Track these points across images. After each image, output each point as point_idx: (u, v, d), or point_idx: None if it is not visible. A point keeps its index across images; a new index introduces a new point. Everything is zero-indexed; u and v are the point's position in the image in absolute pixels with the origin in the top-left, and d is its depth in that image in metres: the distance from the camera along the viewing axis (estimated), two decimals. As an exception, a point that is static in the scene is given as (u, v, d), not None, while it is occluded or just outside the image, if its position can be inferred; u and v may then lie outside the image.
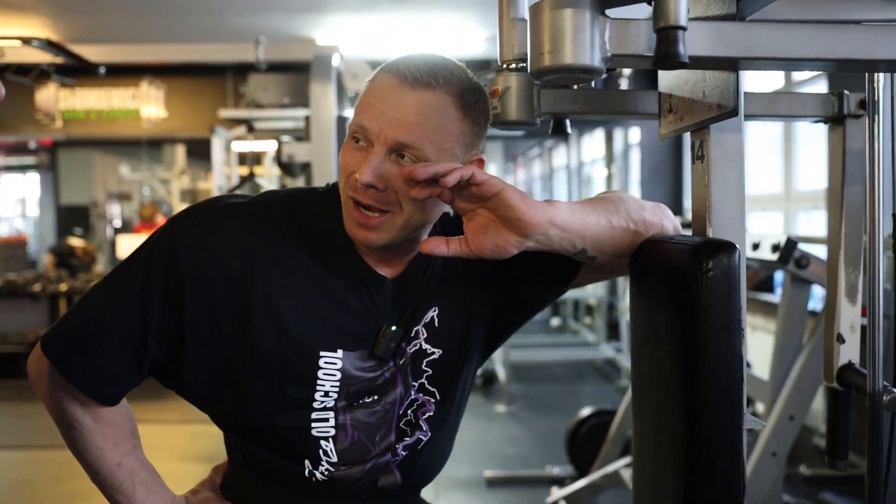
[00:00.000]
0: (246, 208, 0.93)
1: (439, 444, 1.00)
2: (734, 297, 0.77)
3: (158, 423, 4.26)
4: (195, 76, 6.67)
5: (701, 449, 0.78)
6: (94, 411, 0.93)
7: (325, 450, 0.93)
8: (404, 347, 0.95)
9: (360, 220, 0.87)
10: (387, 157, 0.85)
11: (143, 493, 0.95)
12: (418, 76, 0.85)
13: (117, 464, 0.94)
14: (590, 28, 0.67)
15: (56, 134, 7.00)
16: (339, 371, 0.92)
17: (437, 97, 0.85)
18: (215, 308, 0.89)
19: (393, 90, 0.85)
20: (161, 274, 0.88)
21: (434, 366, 0.97)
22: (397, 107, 0.84)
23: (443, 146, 0.86)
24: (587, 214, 0.86)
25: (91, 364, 0.90)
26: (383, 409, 0.95)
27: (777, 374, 2.17)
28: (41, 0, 4.85)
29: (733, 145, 0.86)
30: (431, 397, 0.98)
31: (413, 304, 0.96)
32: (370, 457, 0.95)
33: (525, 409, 5.36)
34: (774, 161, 5.31)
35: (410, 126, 0.84)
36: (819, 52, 0.69)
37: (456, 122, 0.87)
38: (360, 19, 5.33)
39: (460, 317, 0.98)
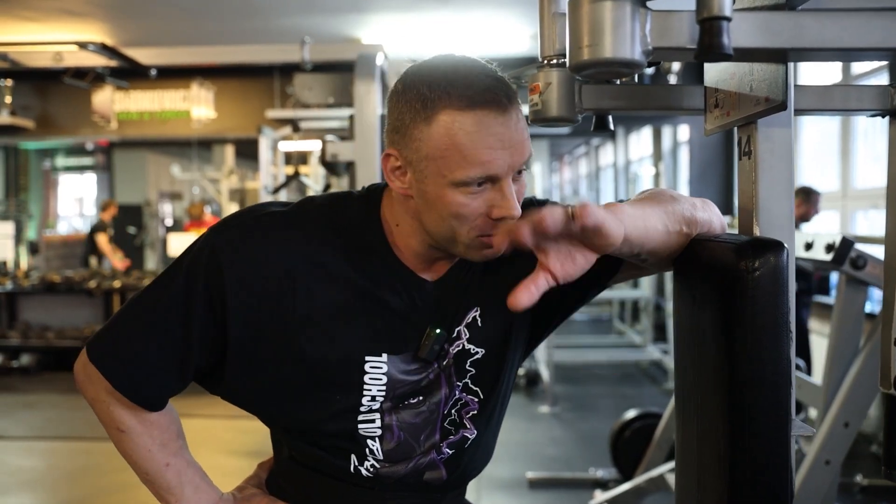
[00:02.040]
0: (285, 216, 0.93)
1: (484, 441, 1.00)
2: (782, 298, 0.74)
3: (205, 417, 4.35)
4: (243, 77, 6.80)
5: (746, 455, 0.75)
6: (140, 415, 0.95)
7: (372, 448, 0.94)
8: (447, 348, 0.95)
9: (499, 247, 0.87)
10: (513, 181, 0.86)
11: (192, 492, 0.97)
12: (507, 96, 0.84)
13: (165, 464, 0.96)
14: (630, 20, 0.65)
15: (111, 135, 7.22)
16: (384, 375, 0.92)
17: (515, 106, 0.85)
18: (257, 317, 0.89)
19: (497, 123, 0.83)
20: (203, 283, 0.89)
21: (477, 365, 0.97)
22: (511, 135, 0.83)
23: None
24: (647, 220, 0.82)
25: (135, 370, 0.92)
26: (428, 409, 0.96)
27: (831, 378, 2.09)
28: (96, 6, 5.01)
29: (782, 141, 0.82)
30: (475, 396, 0.98)
31: (454, 306, 0.95)
32: (415, 455, 0.96)
33: (568, 410, 5.31)
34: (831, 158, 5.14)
35: (524, 143, 0.85)
36: (874, 41, 0.65)
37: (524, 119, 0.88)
38: (405, 18, 5.35)
39: (502, 316, 0.96)
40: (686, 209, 0.85)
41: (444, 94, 0.83)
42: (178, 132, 7.00)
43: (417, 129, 0.84)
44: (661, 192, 0.89)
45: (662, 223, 0.82)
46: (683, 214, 0.85)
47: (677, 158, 8.36)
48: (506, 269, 0.97)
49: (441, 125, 0.82)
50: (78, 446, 4.57)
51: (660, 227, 0.82)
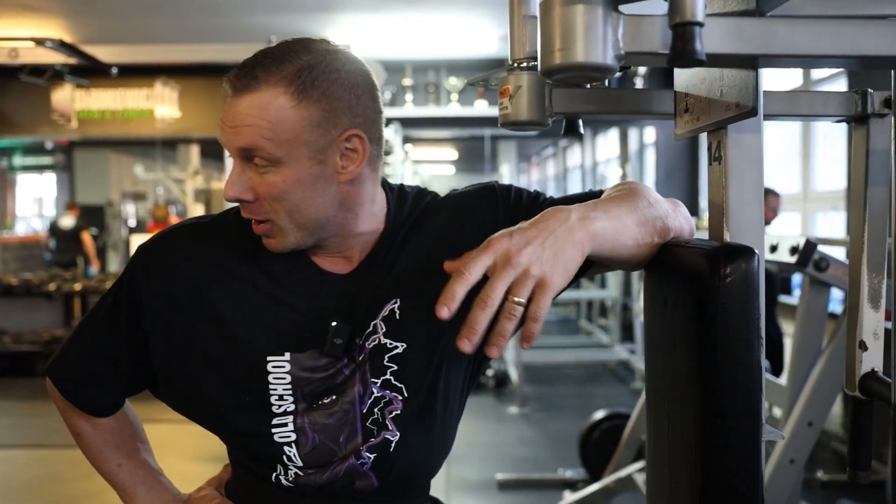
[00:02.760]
0: (196, 227, 0.98)
1: (416, 444, 0.94)
2: (753, 304, 0.74)
3: (168, 422, 4.26)
4: (208, 76, 6.69)
5: (718, 459, 0.75)
6: (92, 421, 1.03)
7: (289, 455, 0.92)
8: (360, 343, 0.92)
9: (256, 231, 0.90)
10: (246, 167, 0.87)
11: (144, 492, 1.03)
12: (239, 83, 0.85)
13: (117, 465, 1.04)
14: (602, 25, 0.64)
15: (71, 134, 7.04)
16: (287, 374, 0.91)
17: (262, 94, 0.84)
18: (170, 326, 0.94)
19: (229, 102, 0.86)
20: (126, 297, 0.96)
21: (398, 361, 0.93)
22: (233, 117, 0.85)
23: (283, 139, 0.84)
24: (619, 235, 0.79)
25: (81, 382, 1.01)
26: (342, 409, 0.92)
27: (795, 379, 2.12)
28: (54, 1, 4.88)
29: (752, 146, 0.82)
30: (398, 394, 0.93)
31: (368, 298, 0.93)
32: (335, 459, 0.92)
33: (537, 410, 5.33)
34: (792, 161, 5.25)
35: (244, 130, 0.84)
36: (843, 48, 0.66)
37: (291, 111, 0.84)
38: (372, 18, 5.32)
39: (426, 308, 0.91)
40: (660, 217, 0.83)
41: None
42: (141, 131, 6.86)
43: None
44: (638, 193, 0.85)
45: (633, 238, 0.80)
46: (656, 225, 0.82)
47: (644, 160, 8.47)
48: (429, 260, 0.93)
49: None
50: (35, 454, 4.45)
51: (629, 242, 0.80)
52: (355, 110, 0.87)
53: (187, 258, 0.95)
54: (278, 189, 0.86)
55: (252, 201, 0.87)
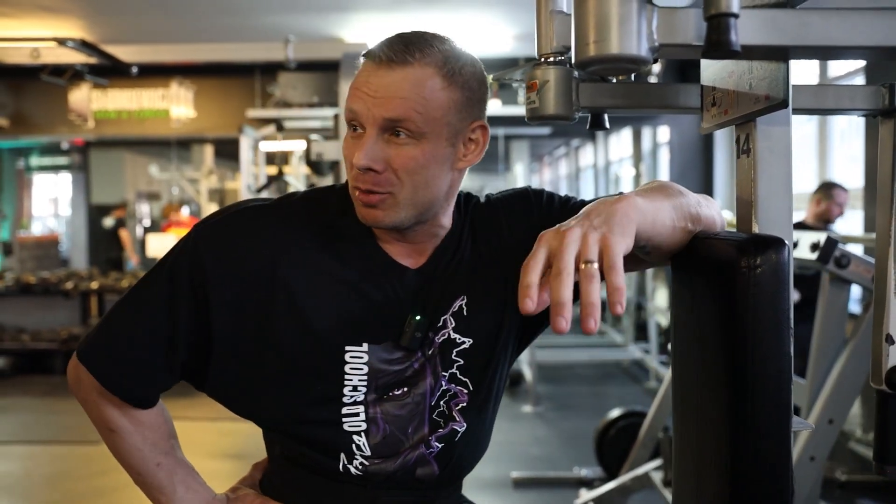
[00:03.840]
0: (266, 210, 0.95)
1: (475, 435, 0.98)
2: (783, 295, 0.74)
3: (188, 419, 4.30)
4: (223, 76, 6.75)
5: (749, 449, 0.76)
6: (131, 414, 0.96)
7: (358, 444, 0.93)
8: (431, 337, 0.94)
9: (364, 200, 0.88)
10: (380, 138, 0.87)
11: (183, 491, 0.98)
12: (393, 55, 0.86)
13: (156, 464, 0.97)
14: (637, 17, 0.65)
15: (88, 134, 7.12)
16: (365, 365, 0.92)
17: (416, 71, 0.86)
18: (240, 310, 0.91)
19: (374, 73, 0.86)
20: (187, 278, 0.91)
21: (465, 355, 0.96)
22: (380, 87, 0.86)
23: (432, 116, 0.87)
24: (657, 214, 0.80)
25: (124, 369, 0.94)
26: (413, 400, 0.94)
27: (816, 376, 2.11)
28: (75, 2, 4.93)
29: (781, 139, 0.83)
30: (464, 387, 0.96)
31: (439, 293, 0.95)
32: (403, 449, 0.94)
33: (552, 409, 5.33)
34: (809, 159, 5.22)
35: (395, 101, 0.85)
36: (876, 39, 0.66)
37: (441, 92, 0.87)
38: (388, 18, 5.34)
39: (492, 306, 0.96)
40: (692, 205, 0.85)
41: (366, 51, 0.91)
42: (156, 131, 6.92)
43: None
44: (669, 185, 0.87)
45: (670, 218, 0.81)
46: (689, 210, 0.84)
47: (657, 159, 8.43)
48: (496, 258, 0.97)
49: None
50: (55, 451, 4.49)
51: (667, 222, 0.81)
52: (483, 104, 0.93)
53: (259, 240, 0.92)
54: (416, 162, 0.87)
55: (381, 172, 0.87)
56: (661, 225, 0.80)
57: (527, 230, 0.90)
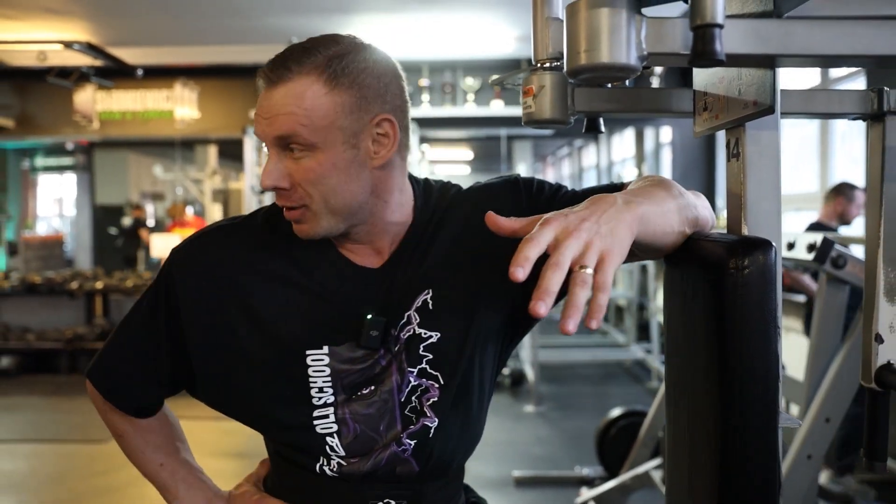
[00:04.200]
0: (229, 227, 1.01)
1: (453, 429, 0.97)
2: (771, 295, 0.76)
3: (191, 419, 4.33)
4: (227, 77, 6.78)
5: (737, 447, 0.78)
6: (133, 421, 1.06)
7: (332, 445, 0.95)
8: (395, 334, 0.95)
9: (288, 217, 0.92)
10: (281, 156, 0.89)
11: (185, 490, 1.05)
12: (272, 74, 0.88)
13: (159, 464, 1.06)
14: (626, 27, 0.67)
15: (92, 135, 7.15)
16: (326, 367, 0.94)
17: (296, 84, 0.87)
18: (208, 325, 0.96)
19: (264, 95, 0.89)
20: (164, 298, 0.98)
21: (433, 349, 0.96)
22: (269, 107, 0.88)
23: (319, 125, 0.87)
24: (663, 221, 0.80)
25: (120, 385, 1.04)
26: (381, 398, 0.95)
27: (812, 375, 2.13)
28: (79, 4, 4.97)
29: (769, 143, 0.85)
30: (434, 381, 0.96)
31: (401, 290, 0.96)
32: (377, 447, 0.95)
33: (553, 409, 5.35)
34: (810, 160, 5.23)
35: (280, 118, 0.87)
36: (858, 48, 0.68)
37: (324, 98, 0.87)
38: (389, 19, 5.37)
39: (461, 301, 0.96)
40: (692, 208, 0.85)
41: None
42: (160, 132, 6.95)
43: None
44: (668, 182, 0.87)
45: (671, 225, 0.82)
46: (689, 215, 0.84)
47: (659, 160, 8.45)
48: (458, 251, 0.97)
49: None
50: (60, 449, 4.53)
51: (668, 229, 0.82)
52: (385, 97, 0.91)
53: (221, 257, 0.97)
54: (315, 173, 0.88)
55: (288, 188, 0.90)
56: (662, 233, 0.81)
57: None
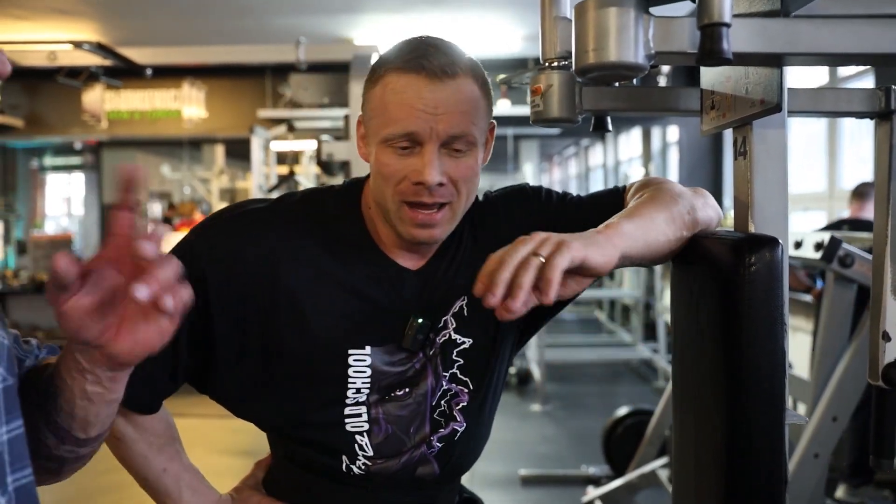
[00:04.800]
0: (265, 213, 0.95)
1: (475, 433, 0.99)
2: (777, 292, 0.77)
3: (196, 417, 4.34)
4: (235, 77, 6.81)
5: (743, 443, 0.79)
6: (136, 421, 0.96)
7: (361, 444, 0.94)
8: (433, 338, 0.95)
9: (425, 221, 0.88)
10: (440, 152, 0.87)
11: (189, 495, 0.98)
12: (442, 66, 0.85)
13: (162, 469, 0.97)
14: (634, 26, 0.68)
15: (101, 135, 7.20)
16: (368, 367, 0.92)
17: (464, 82, 0.87)
18: (242, 316, 0.90)
19: (424, 87, 0.85)
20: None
21: (465, 355, 0.97)
22: (438, 103, 0.85)
23: (481, 126, 0.89)
24: (649, 232, 0.82)
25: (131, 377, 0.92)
26: (415, 401, 0.95)
27: (819, 374, 2.13)
28: (88, 4, 5.00)
29: (776, 141, 0.86)
30: (465, 387, 0.97)
31: (440, 295, 0.96)
32: (406, 449, 0.95)
33: (560, 408, 5.35)
34: (818, 159, 5.21)
35: (457, 116, 0.86)
36: (864, 47, 0.69)
37: (482, 100, 0.89)
38: (397, 19, 5.38)
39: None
40: (687, 211, 0.87)
41: (391, 59, 0.88)
42: (168, 132, 7.00)
43: (368, 92, 0.90)
44: (662, 189, 0.89)
45: (664, 234, 0.83)
46: (684, 219, 0.86)
47: (666, 159, 8.43)
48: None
49: (380, 85, 0.88)
50: (70, 446, 4.55)
51: (661, 238, 0.83)
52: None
53: (259, 246, 0.91)
54: (472, 171, 0.89)
55: (444, 185, 0.87)
56: (654, 243, 0.83)
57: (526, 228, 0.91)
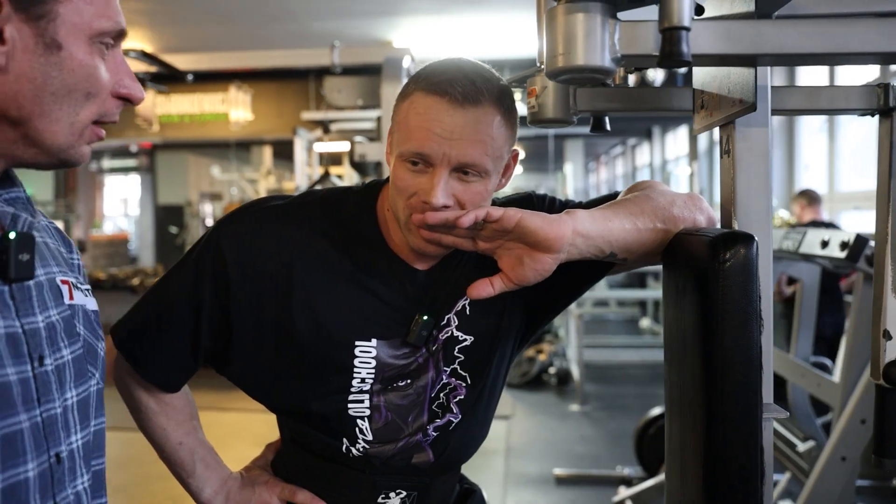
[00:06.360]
0: (285, 209, 1.00)
1: (471, 426, 1.04)
2: (751, 287, 0.78)
3: (239, 411, 4.48)
4: (279, 80, 6.97)
5: (717, 435, 0.80)
6: (158, 396, 1.04)
7: (361, 428, 0.99)
8: (436, 335, 1.00)
9: (428, 237, 0.90)
10: (450, 176, 0.89)
11: (202, 469, 1.05)
12: (466, 93, 0.87)
13: (178, 443, 1.05)
14: (600, 30, 0.71)
15: (154, 137, 7.46)
16: (373, 359, 0.97)
17: (485, 111, 0.88)
18: (258, 306, 0.96)
19: (444, 112, 0.87)
20: (210, 274, 0.96)
21: (466, 352, 1.01)
22: (454, 128, 0.87)
23: (497, 155, 0.90)
24: (610, 220, 0.87)
25: (153, 354, 1.00)
26: (415, 392, 1.00)
27: (848, 376, 2.09)
28: (139, 13, 5.20)
29: (759, 140, 0.87)
30: (463, 381, 1.02)
31: (444, 294, 1.00)
32: (403, 436, 1.00)
33: (599, 409, 5.32)
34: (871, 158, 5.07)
35: (471, 145, 0.87)
36: (830, 46, 0.70)
37: (503, 130, 0.90)
38: (435, 21, 5.43)
39: (493, 307, 1.01)
40: (661, 206, 0.90)
41: (422, 78, 0.91)
42: (217, 134, 7.20)
43: (397, 106, 0.93)
44: (641, 191, 0.92)
45: (630, 221, 0.87)
46: (656, 211, 0.89)
47: (713, 158, 8.27)
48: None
49: (408, 101, 0.91)
50: (122, 436, 4.71)
51: (627, 224, 0.87)
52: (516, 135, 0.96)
53: (277, 239, 0.96)
54: (481, 197, 0.90)
55: (449, 207, 0.90)
56: (618, 228, 0.86)
57: None
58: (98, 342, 0.80)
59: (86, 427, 0.76)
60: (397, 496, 1.02)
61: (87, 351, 0.76)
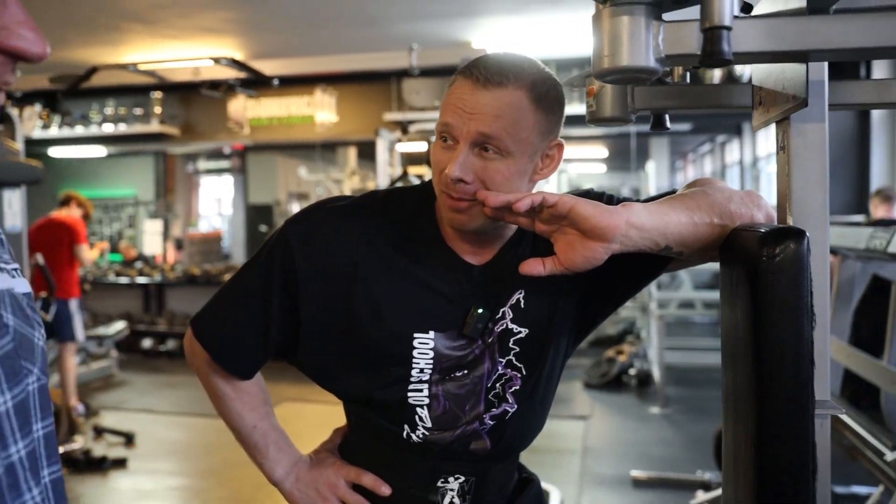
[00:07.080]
0: (348, 208, 1.06)
1: (526, 415, 1.07)
2: (801, 282, 0.78)
3: (325, 403, 4.64)
4: (363, 83, 7.15)
5: (769, 432, 0.80)
6: (234, 383, 1.12)
7: (421, 416, 1.03)
8: (491, 327, 1.03)
9: (453, 206, 0.96)
10: (471, 152, 0.94)
11: (275, 451, 1.13)
12: (490, 76, 0.92)
13: (252, 426, 1.12)
14: (644, 32, 0.73)
15: (244, 140, 7.80)
16: (431, 350, 1.02)
17: (509, 93, 0.92)
18: (324, 301, 1.02)
19: (469, 91, 0.93)
20: (279, 271, 1.03)
21: (520, 344, 1.05)
22: (476, 105, 0.93)
23: (520, 136, 0.93)
24: (666, 213, 0.89)
25: (230, 346, 1.08)
26: (472, 382, 1.04)
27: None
28: (229, 22, 5.46)
29: (815, 135, 0.86)
30: (518, 372, 1.05)
31: (499, 288, 1.04)
32: (460, 423, 1.04)
33: (680, 412, 5.20)
34: None
35: (489, 119, 0.92)
36: (880, 40, 0.69)
37: (530, 114, 0.94)
38: (514, 21, 5.44)
39: (547, 300, 1.05)
40: (718, 201, 0.90)
41: (461, 66, 0.97)
42: (303, 136, 7.45)
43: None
44: (699, 187, 0.93)
45: (687, 215, 0.88)
46: (713, 206, 0.90)
47: (807, 154, 7.91)
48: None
49: (449, 87, 0.98)
50: (213, 423, 5.01)
51: (683, 218, 0.88)
52: (560, 124, 1.00)
53: (343, 237, 1.02)
54: (502, 176, 0.94)
55: (469, 182, 0.95)
56: (674, 221, 0.88)
57: None
58: (34, 331, 0.61)
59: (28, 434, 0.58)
60: (456, 481, 1.06)
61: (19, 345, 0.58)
